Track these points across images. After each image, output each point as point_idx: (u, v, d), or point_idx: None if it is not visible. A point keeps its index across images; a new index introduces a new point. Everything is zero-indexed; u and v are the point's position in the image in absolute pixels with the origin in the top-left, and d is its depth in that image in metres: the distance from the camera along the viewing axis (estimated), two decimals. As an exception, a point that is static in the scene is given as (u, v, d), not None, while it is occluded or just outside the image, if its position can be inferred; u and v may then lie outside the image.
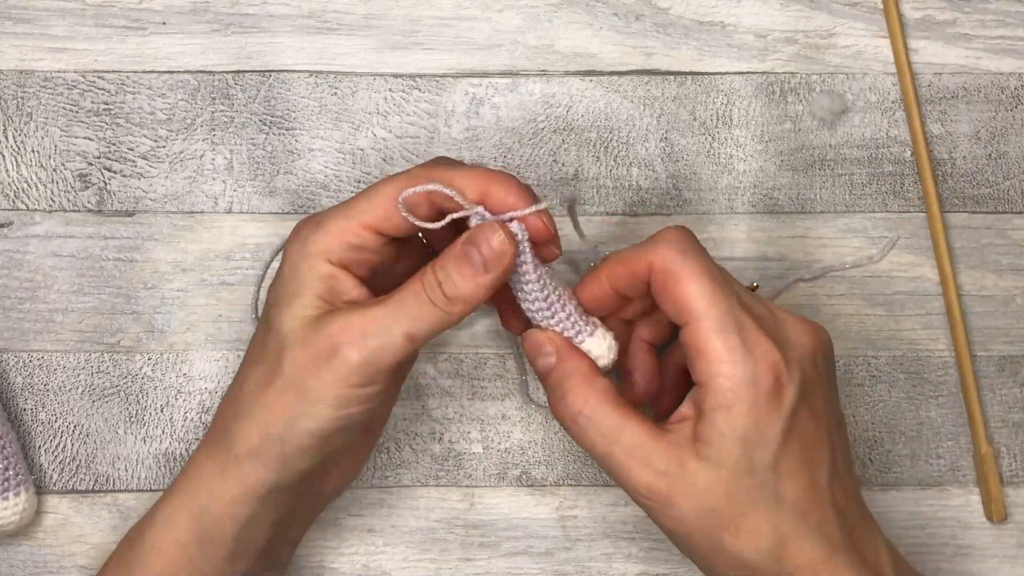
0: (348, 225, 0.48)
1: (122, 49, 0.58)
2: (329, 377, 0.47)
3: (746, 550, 0.46)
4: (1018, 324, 0.59)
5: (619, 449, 0.47)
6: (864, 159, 0.59)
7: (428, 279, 0.47)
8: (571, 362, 0.48)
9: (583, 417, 0.47)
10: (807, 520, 0.46)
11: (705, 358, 0.46)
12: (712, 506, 0.46)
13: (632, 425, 0.47)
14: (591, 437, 0.47)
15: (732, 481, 0.46)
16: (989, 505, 0.58)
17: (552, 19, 0.59)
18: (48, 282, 0.58)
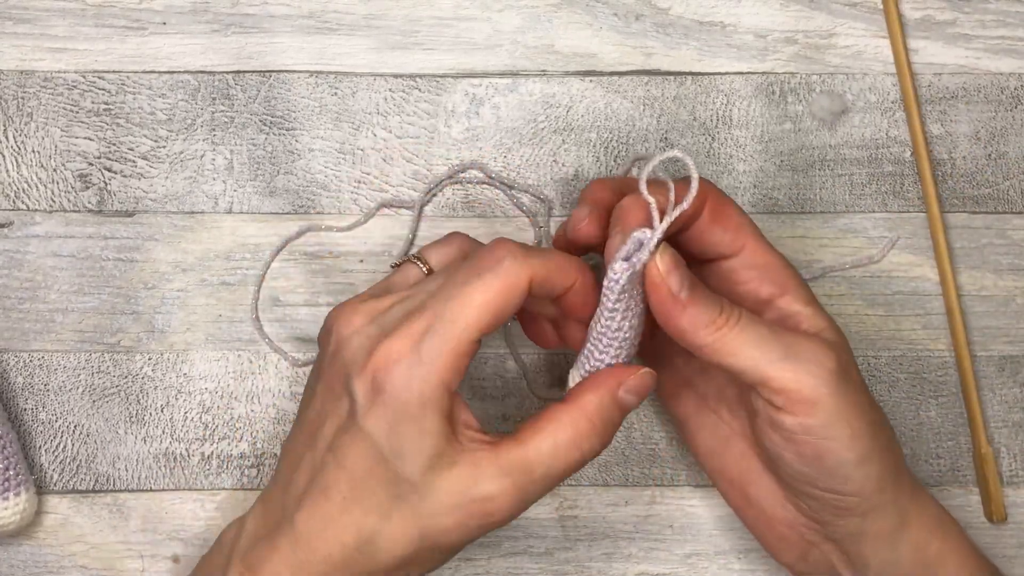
0: (461, 348, 0.45)
1: (122, 49, 0.58)
2: (471, 536, 0.47)
3: (879, 418, 0.49)
4: (1018, 324, 0.59)
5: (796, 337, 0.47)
6: (864, 159, 0.59)
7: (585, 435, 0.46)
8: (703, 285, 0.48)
9: (748, 321, 0.46)
10: None
11: (775, 268, 0.50)
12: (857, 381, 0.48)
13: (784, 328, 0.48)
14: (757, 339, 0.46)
15: (850, 358, 0.49)
16: (989, 505, 0.58)
17: (552, 19, 0.59)
18: (48, 282, 0.58)
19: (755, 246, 0.50)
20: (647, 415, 0.58)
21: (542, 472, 0.46)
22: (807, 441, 0.47)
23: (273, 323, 0.58)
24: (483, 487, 0.45)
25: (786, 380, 0.46)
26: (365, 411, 0.45)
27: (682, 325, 0.46)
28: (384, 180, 0.58)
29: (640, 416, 0.58)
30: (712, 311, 0.46)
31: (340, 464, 0.46)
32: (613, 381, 0.47)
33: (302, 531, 0.46)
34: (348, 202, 0.58)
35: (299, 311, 0.58)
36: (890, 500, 0.49)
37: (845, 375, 0.47)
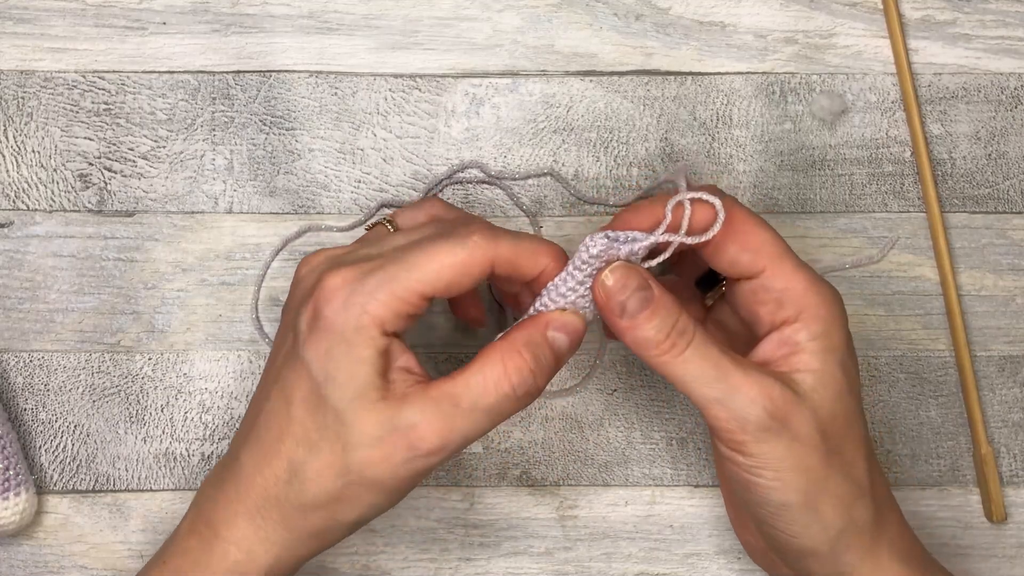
0: (407, 295, 0.45)
1: (122, 49, 0.58)
2: (399, 473, 0.45)
3: (851, 473, 0.48)
4: (1018, 324, 0.59)
5: (737, 371, 0.46)
6: (864, 159, 0.59)
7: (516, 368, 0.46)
8: (668, 293, 0.47)
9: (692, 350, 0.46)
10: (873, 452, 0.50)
11: (795, 292, 0.47)
12: (825, 428, 0.47)
13: (738, 358, 0.47)
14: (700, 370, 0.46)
15: (837, 402, 0.47)
16: (989, 505, 0.58)
17: (552, 19, 0.59)
18: (48, 282, 0.58)
19: (776, 269, 0.48)
20: (647, 415, 0.58)
21: (469, 403, 0.45)
22: (735, 470, 0.47)
23: (273, 323, 0.58)
24: (407, 416, 0.45)
25: (717, 419, 0.46)
26: (305, 339, 0.45)
27: (627, 342, 0.47)
28: (384, 180, 0.58)
29: (640, 416, 0.58)
30: (659, 334, 0.46)
31: (281, 395, 0.46)
32: (542, 321, 0.47)
33: (244, 466, 0.47)
34: (348, 202, 0.58)
35: (299, 311, 0.58)
36: (828, 554, 0.48)
37: (778, 426, 0.46)
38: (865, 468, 0.48)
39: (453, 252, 0.45)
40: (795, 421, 0.46)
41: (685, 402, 0.58)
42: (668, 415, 0.58)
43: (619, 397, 0.59)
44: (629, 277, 0.46)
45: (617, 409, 0.58)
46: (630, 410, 0.59)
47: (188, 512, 0.49)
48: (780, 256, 0.48)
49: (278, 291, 0.58)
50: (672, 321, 0.46)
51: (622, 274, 0.46)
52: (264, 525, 0.47)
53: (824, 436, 0.47)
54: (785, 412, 0.46)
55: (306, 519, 0.46)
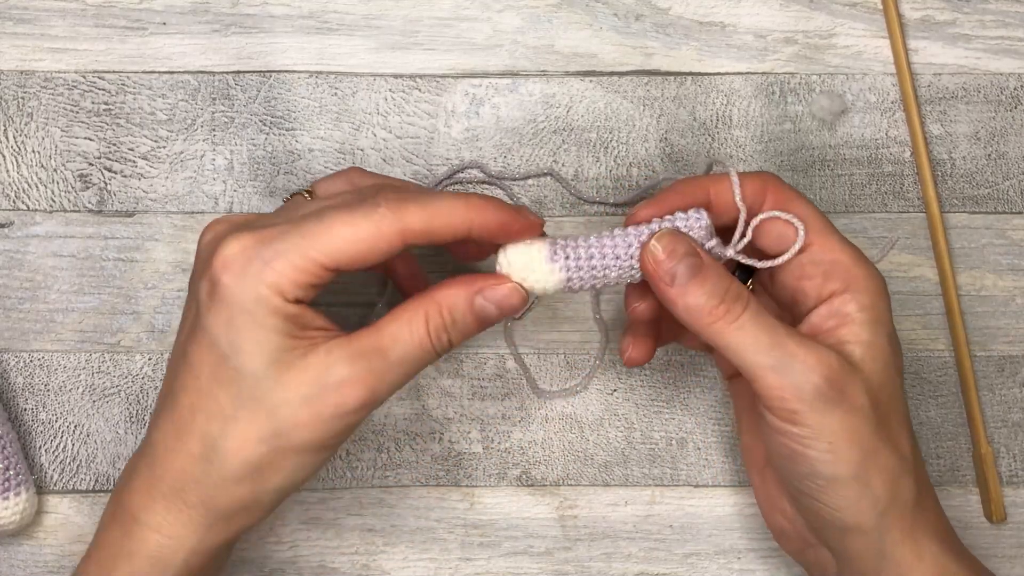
0: (306, 265, 0.44)
1: (122, 49, 0.58)
2: (329, 430, 0.45)
3: (899, 448, 0.48)
4: (1017, 324, 0.59)
5: (793, 339, 0.46)
6: (864, 159, 0.59)
7: (436, 328, 0.46)
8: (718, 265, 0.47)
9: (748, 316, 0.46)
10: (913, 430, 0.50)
11: (842, 264, 0.48)
12: (875, 397, 0.47)
13: (791, 328, 0.47)
14: (755, 338, 0.46)
15: (885, 374, 0.47)
16: (988, 505, 0.58)
17: (552, 19, 0.59)
18: (48, 282, 0.58)
19: (823, 242, 0.48)
20: (647, 415, 0.58)
21: (398, 355, 0.45)
22: (784, 441, 0.47)
23: (273, 323, 0.58)
24: (335, 372, 0.44)
25: (771, 387, 0.46)
26: (206, 310, 0.44)
27: (678, 311, 0.46)
28: (384, 180, 0.58)
29: (640, 416, 0.58)
30: (711, 300, 0.46)
31: (188, 370, 0.45)
32: (474, 285, 0.46)
33: (157, 447, 0.46)
34: (348, 202, 0.58)
35: (299, 311, 0.58)
36: (872, 530, 0.47)
37: (836, 395, 0.45)
38: (910, 443, 0.48)
39: (356, 223, 0.44)
40: (851, 391, 0.46)
41: (685, 402, 0.59)
42: (668, 415, 0.59)
43: (619, 397, 0.59)
44: (677, 244, 0.46)
45: (617, 409, 0.58)
46: (630, 410, 0.59)
47: (108, 502, 0.48)
48: (825, 230, 0.48)
49: (278, 291, 0.58)
50: (724, 287, 0.46)
51: (670, 241, 0.46)
52: (183, 507, 0.46)
53: (876, 406, 0.47)
54: (843, 381, 0.46)
55: (229, 494, 0.45)
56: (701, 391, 0.58)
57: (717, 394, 0.58)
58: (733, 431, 0.58)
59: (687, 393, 0.59)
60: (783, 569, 0.58)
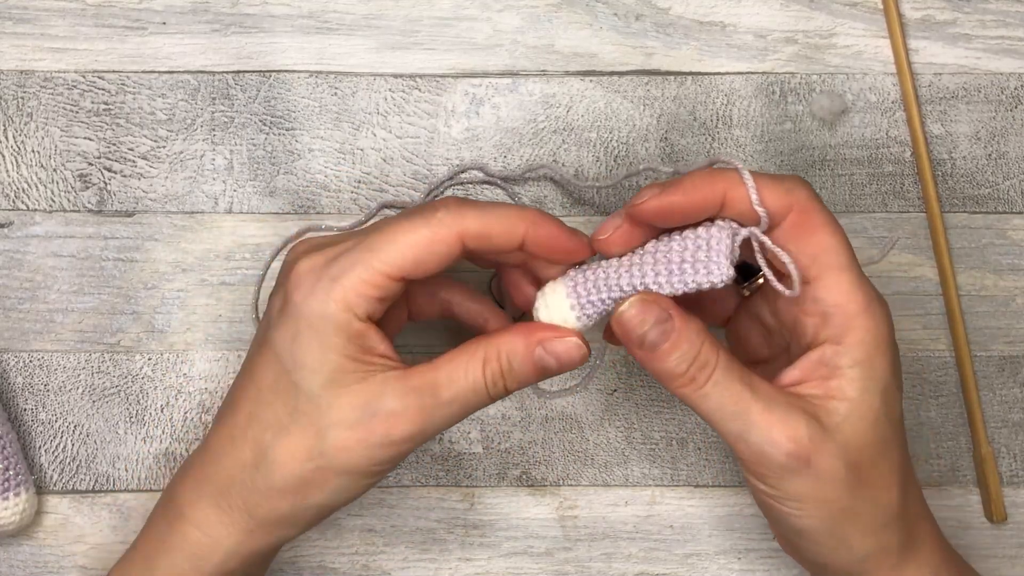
0: (372, 277, 0.44)
1: (122, 49, 0.58)
2: (374, 458, 0.45)
3: (880, 502, 0.46)
4: (1018, 324, 0.59)
5: (757, 407, 0.45)
6: (864, 159, 0.59)
7: (493, 373, 0.46)
8: (692, 322, 0.45)
9: (712, 385, 0.45)
10: (913, 471, 0.48)
11: (845, 311, 0.45)
12: (851, 460, 0.45)
13: (762, 383, 0.45)
14: (720, 405, 0.45)
15: (871, 432, 0.45)
16: (989, 505, 0.58)
17: (552, 19, 0.59)
18: (48, 282, 0.58)
19: (831, 281, 0.45)
20: (647, 415, 0.58)
21: (449, 396, 0.45)
22: (756, 494, 0.47)
23: (273, 323, 0.58)
24: (387, 402, 0.44)
25: (740, 453, 0.46)
26: (275, 324, 0.46)
27: (650, 372, 0.46)
28: (384, 180, 0.58)
29: (640, 416, 0.58)
30: (679, 367, 0.45)
31: (250, 380, 0.46)
32: (537, 334, 0.46)
33: (212, 448, 0.47)
34: (348, 202, 0.58)
35: (299, 311, 0.58)
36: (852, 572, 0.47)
37: (800, 466, 0.44)
38: (897, 493, 0.47)
39: (416, 230, 0.45)
40: (819, 459, 0.45)
41: (685, 402, 0.58)
42: (668, 415, 0.58)
43: (619, 397, 0.59)
44: (647, 311, 0.45)
45: (617, 409, 0.58)
46: (630, 410, 0.59)
47: (161, 496, 0.50)
48: (840, 268, 0.45)
49: (278, 291, 0.58)
50: (694, 353, 0.45)
51: (640, 308, 0.45)
52: (227, 508, 0.47)
53: (852, 468, 0.45)
54: (808, 451, 0.44)
55: (270, 503, 0.46)
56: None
57: (717, 394, 0.58)
58: (733, 431, 0.58)
59: (687, 393, 0.58)
60: (783, 569, 0.58)
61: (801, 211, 0.45)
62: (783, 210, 0.45)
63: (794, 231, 0.45)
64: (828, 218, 0.46)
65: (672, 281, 0.45)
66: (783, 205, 0.45)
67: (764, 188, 0.45)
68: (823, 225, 0.45)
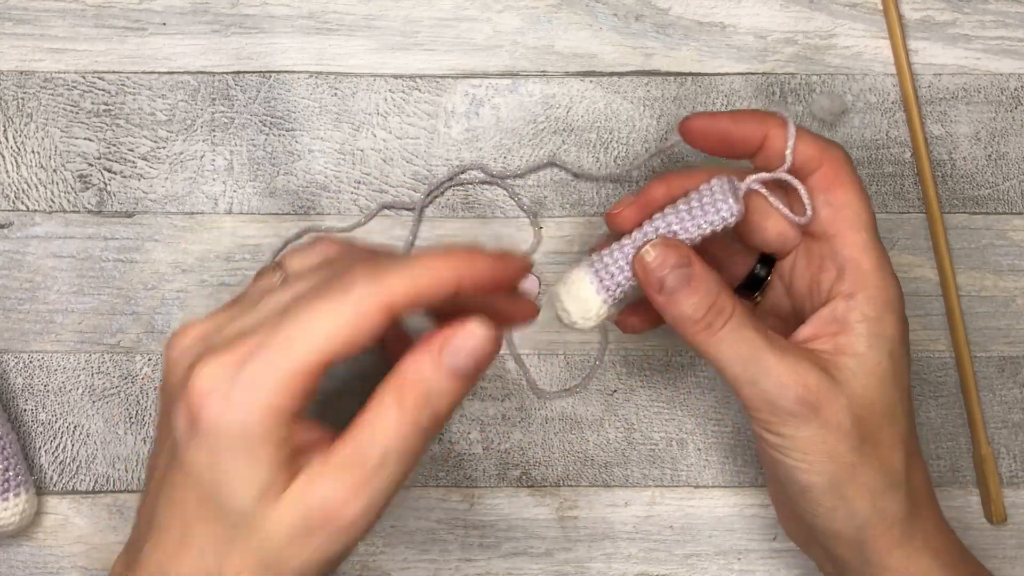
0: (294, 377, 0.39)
1: (122, 50, 0.58)
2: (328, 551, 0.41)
3: (886, 464, 0.47)
4: (1018, 325, 0.59)
5: (771, 354, 0.45)
6: (864, 160, 0.59)
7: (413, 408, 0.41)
8: (709, 271, 0.46)
9: (728, 331, 0.46)
10: (918, 440, 0.48)
11: (860, 266, 0.46)
12: (859, 414, 0.46)
13: (776, 338, 0.46)
14: (735, 351, 0.46)
15: (878, 391, 0.46)
16: (989, 506, 0.58)
17: (552, 20, 0.59)
18: (48, 283, 0.58)
19: (849, 237, 0.47)
20: (647, 415, 0.58)
21: (379, 457, 0.40)
22: (763, 447, 0.47)
23: (273, 324, 0.58)
24: (317, 492, 0.40)
25: (747, 399, 0.46)
26: (185, 445, 0.40)
27: (667, 318, 0.47)
28: (384, 181, 0.58)
29: (640, 416, 0.58)
30: (697, 312, 0.46)
31: (171, 501, 0.42)
32: (435, 344, 0.41)
33: (150, 571, 0.42)
34: (348, 203, 0.58)
35: (299, 312, 0.58)
36: (852, 539, 0.48)
37: (808, 413, 0.45)
38: (902, 461, 0.47)
39: (335, 312, 0.40)
40: (828, 408, 0.45)
41: (685, 402, 0.59)
42: (668, 415, 0.59)
43: (619, 397, 0.59)
44: (669, 254, 0.46)
45: (617, 409, 0.59)
46: (630, 410, 0.59)
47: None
48: (859, 227, 0.47)
49: (278, 292, 0.58)
50: (711, 300, 0.46)
51: (662, 251, 0.46)
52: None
53: (859, 424, 0.46)
54: (818, 399, 0.45)
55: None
56: (701, 392, 0.58)
57: (717, 395, 0.58)
58: (733, 432, 0.58)
59: (687, 394, 0.59)
60: (783, 570, 0.58)
61: (832, 167, 0.47)
62: (815, 162, 0.47)
63: (823, 182, 0.47)
64: (856, 181, 0.47)
65: (686, 227, 0.47)
66: (816, 157, 0.47)
67: (803, 139, 0.47)
68: (851, 185, 0.47)
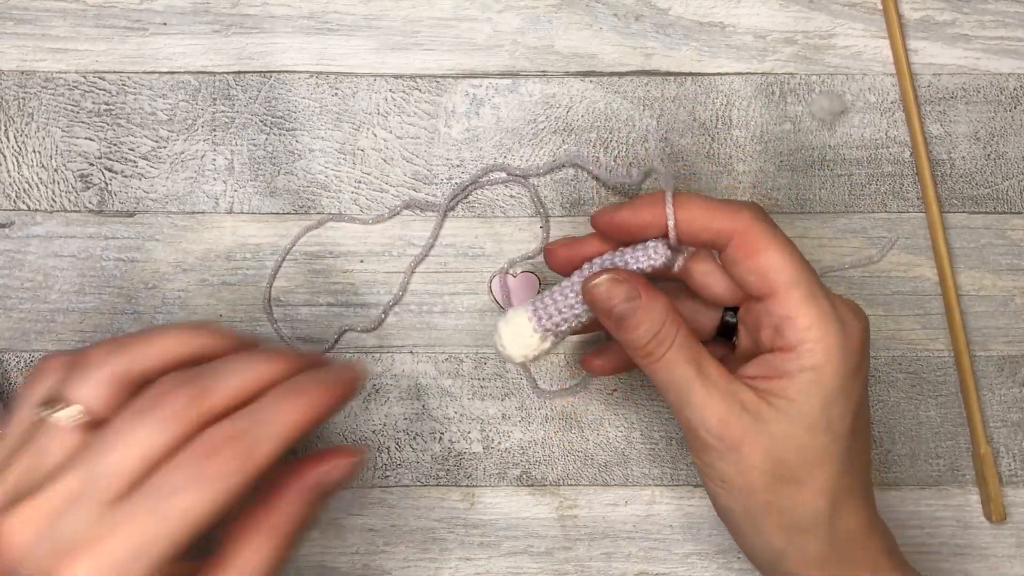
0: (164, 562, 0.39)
1: (123, 50, 0.59)
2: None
3: (804, 506, 0.47)
4: (1017, 324, 0.59)
5: (698, 386, 0.47)
6: (863, 159, 0.59)
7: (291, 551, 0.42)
8: (657, 302, 0.48)
9: (664, 361, 0.47)
10: (862, 486, 0.49)
11: (796, 324, 0.46)
12: (780, 456, 0.47)
13: (712, 367, 0.47)
14: (670, 378, 0.47)
15: (807, 435, 0.47)
16: (988, 505, 0.58)
17: (552, 20, 0.59)
18: (49, 282, 0.58)
19: (782, 297, 0.47)
20: (647, 415, 0.59)
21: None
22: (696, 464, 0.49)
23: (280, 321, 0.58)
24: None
25: (681, 424, 0.48)
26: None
27: (618, 340, 0.49)
28: (384, 180, 0.59)
29: (640, 416, 0.58)
30: (642, 339, 0.47)
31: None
32: (296, 485, 0.43)
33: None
34: (348, 202, 0.58)
35: (299, 311, 0.58)
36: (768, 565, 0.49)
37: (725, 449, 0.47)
38: (826, 504, 0.47)
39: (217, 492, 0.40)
40: (745, 447, 0.47)
41: (685, 402, 0.59)
42: (668, 415, 0.59)
43: (619, 397, 0.59)
44: (616, 288, 0.48)
45: (617, 409, 0.59)
46: (630, 410, 0.59)
47: None
48: (789, 285, 0.47)
49: (278, 291, 0.58)
50: (655, 329, 0.47)
51: (608, 285, 0.48)
52: None
53: (778, 464, 0.47)
54: (736, 437, 0.46)
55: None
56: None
57: (717, 394, 0.58)
58: (733, 431, 0.58)
59: (687, 393, 0.59)
60: (783, 569, 0.58)
61: (744, 233, 0.47)
62: (726, 233, 0.47)
63: (739, 252, 0.47)
64: (772, 237, 0.47)
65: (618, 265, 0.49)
66: (725, 228, 0.47)
67: (707, 212, 0.47)
68: (768, 245, 0.47)
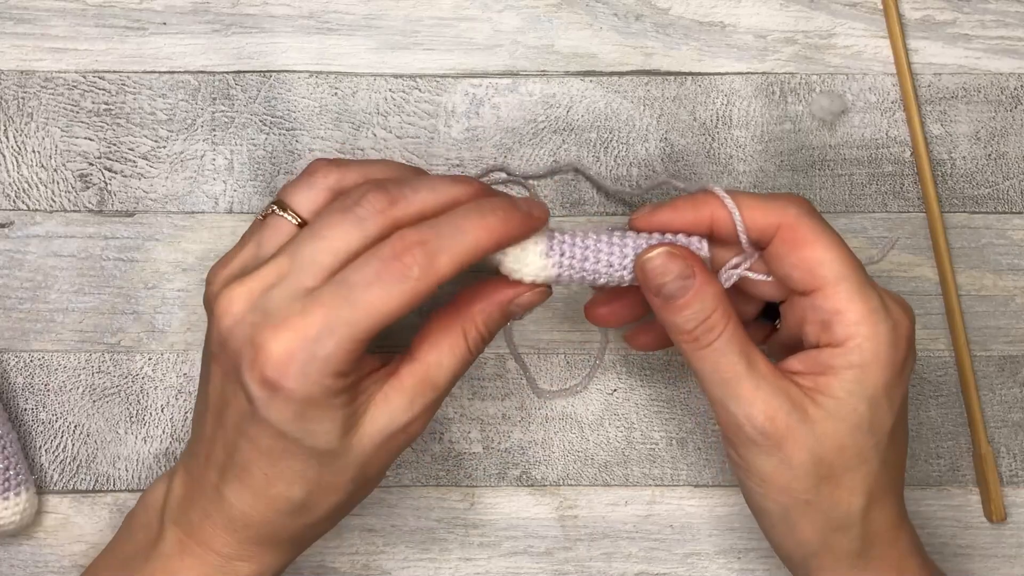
0: (356, 345, 0.44)
1: (123, 49, 0.58)
2: (394, 459, 0.49)
3: (841, 505, 0.47)
4: (1017, 324, 0.59)
5: (747, 380, 0.46)
6: (864, 159, 0.59)
7: (474, 340, 0.48)
8: (711, 286, 0.46)
9: (711, 349, 0.46)
10: (896, 487, 0.49)
11: (844, 319, 0.46)
12: (823, 456, 0.46)
13: (762, 361, 0.47)
14: (715, 370, 0.46)
15: (850, 436, 0.46)
16: (988, 505, 0.58)
17: (552, 19, 0.59)
18: (49, 282, 0.58)
19: (830, 291, 0.46)
20: (647, 415, 0.58)
21: (445, 380, 0.47)
22: (731, 461, 0.49)
23: (273, 323, 0.58)
24: (399, 419, 0.46)
25: (718, 418, 0.48)
26: (266, 406, 0.44)
27: (661, 321, 0.48)
28: (384, 180, 0.58)
29: (640, 416, 0.58)
30: (688, 324, 0.46)
31: (254, 446, 0.46)
32: (506, 295, 0.48)
33: (234, 504, 0.47)
34: (348, 202, 0.58)
35: (299, 311, 0.58)
36: (800, 567, 0.49)
37: (770, 447, 0.46)
38: (861, 503, 0.47)
39: (396, 295, 0.44)
40: (791, 445, 0.46)
41: (685, 402, 0.59)
42: (668, 415, 0.59)
43: (619, 397, 0.59)
44: (672, 263, 0.46)
45: (617, 409, 0.59)
46: (630, 410, 0.59)
47: (166, 532, 0.48)
48: (838, 279, 0.46)
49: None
50: (704, 315, 0.46)
51: (665, 259, 0.46)
52: (276, 548, 0.48)
53: (820, 464, 0.46)
54: (781, 435, 0.46)
55: (306, 537, 0.49)
56: (701, 391, 0.58)
57: (717, 394, 0.58)
58: (733, 431, 0.58)
59: (687, 393, 0.59)
60: (783, 570, 0.58)
61: (790, 228, 0.47)
62: (770, 228, 0.47)
63: (785, 247, 0.47)
64: (820, 231, 0.47)
65: None
66: (770, 224, 0.47)
67: (751, 209, 0.47)
68: (815, 239, 0.47)
